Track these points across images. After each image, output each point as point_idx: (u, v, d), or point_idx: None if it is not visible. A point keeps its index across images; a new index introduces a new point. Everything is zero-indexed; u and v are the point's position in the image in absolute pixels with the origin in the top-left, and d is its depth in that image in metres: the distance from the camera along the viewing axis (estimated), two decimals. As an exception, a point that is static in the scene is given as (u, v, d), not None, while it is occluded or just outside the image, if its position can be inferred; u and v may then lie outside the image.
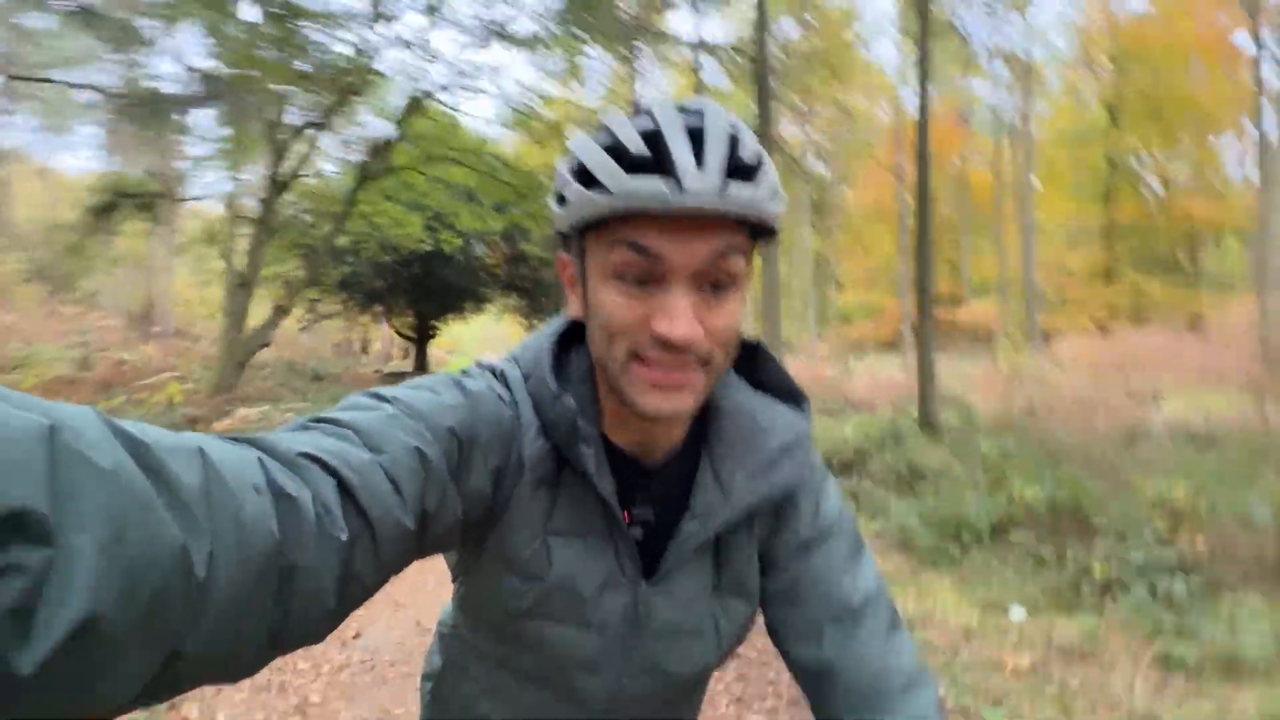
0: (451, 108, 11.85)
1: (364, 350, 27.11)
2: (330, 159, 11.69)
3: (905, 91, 21.97)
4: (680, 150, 0.47)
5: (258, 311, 10.62)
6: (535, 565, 0.58)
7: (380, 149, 10.53)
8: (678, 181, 0.46)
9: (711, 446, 0.62)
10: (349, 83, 9.71)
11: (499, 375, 0.61)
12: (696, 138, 0.48)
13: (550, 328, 0.64)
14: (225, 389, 8.91)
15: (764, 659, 2.63)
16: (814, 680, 0.59)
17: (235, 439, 0.38)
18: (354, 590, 0.40)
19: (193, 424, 7.07)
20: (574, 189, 0.51)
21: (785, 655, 0.63)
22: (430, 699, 0.80)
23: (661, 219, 0.48)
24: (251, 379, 10.56)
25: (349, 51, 9.59)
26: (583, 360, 0.62)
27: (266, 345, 10.04)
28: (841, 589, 0.60)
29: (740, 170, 0.49)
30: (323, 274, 12.97)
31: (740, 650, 1.81)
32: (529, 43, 10.82)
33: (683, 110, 0.51)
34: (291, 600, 0.35)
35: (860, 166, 22.80)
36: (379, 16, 9.89)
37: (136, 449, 0.28)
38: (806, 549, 0.63)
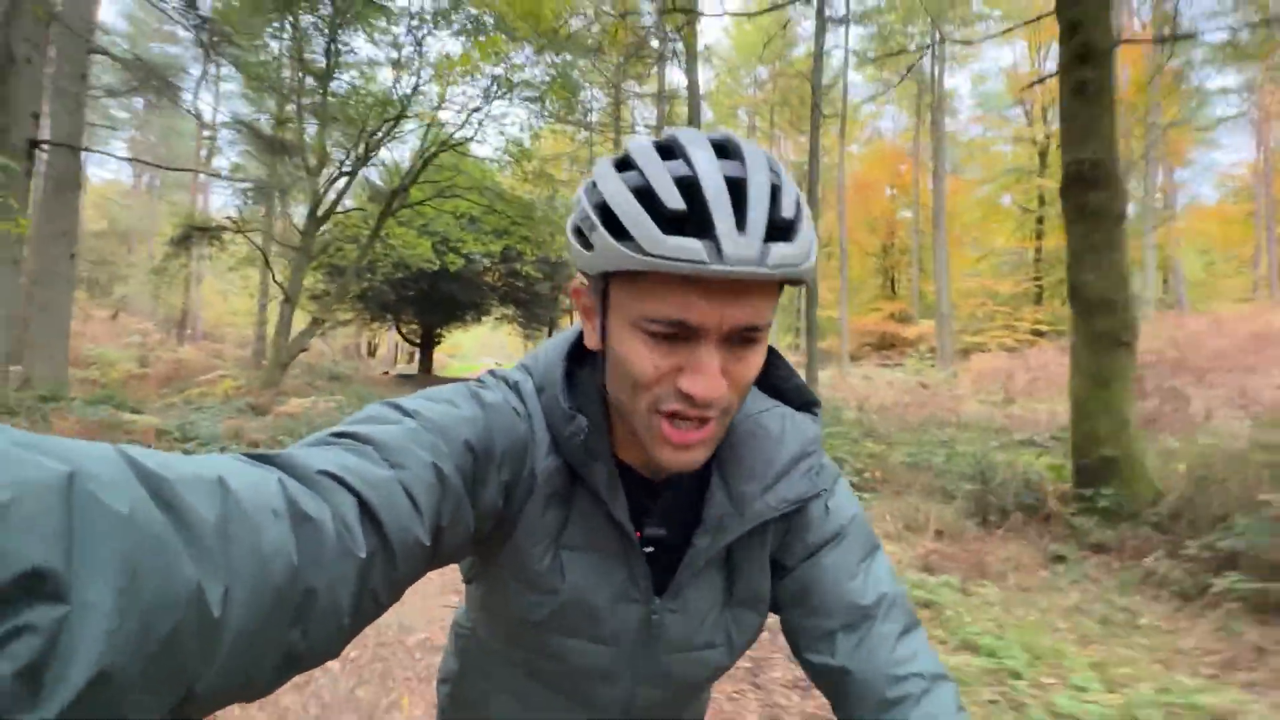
0: (461, 151, 14.02)
1: (371, 354, 29.25)
2: (359, 197, 13.81)
3: (874, 125, 24.30)
4: (721, 209, 0.45)
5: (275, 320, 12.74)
6: (549, 579, 0.59)
7: (400, 190, 12.71)
8: (717, 245, 0.44)
9: (722, 459, 0.61)
10: (378, 135, 11.95)
11: (514, 387, 0.60)
12: (737, 191, 0.46)
13: (562, 339, 0.63)
14: (273, 385, 11.05)
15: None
16: (831, 685, 0.59)
17: (258, 458, 0.38)
18: (369, 606, 0.40)
19: (255, 410, 9.13)
20: (601, 236, 0.48)
21: (801, 660, 0.62)
22: (448, 701, 0.81)
23: (697, 281, 0.46)
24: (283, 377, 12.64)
25: (377, 110, 11.85)
26: (593, 378, 0.60)
27: (305, 350, 12.19)
28: (853, 593, 0.59)
29: (780, 228, 0.47)
30: (348, 289, 15.10)
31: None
32: (531, 97, 13.01)
33: (720, 153, 0.48)
34: (309, 622, 0.35)
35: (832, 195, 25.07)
36: (399, 67, 12.16)
37: (155, 486, 0.28)
38: (817, 553, 0.62)
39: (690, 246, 0.44)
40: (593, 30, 9.34)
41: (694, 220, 0.45)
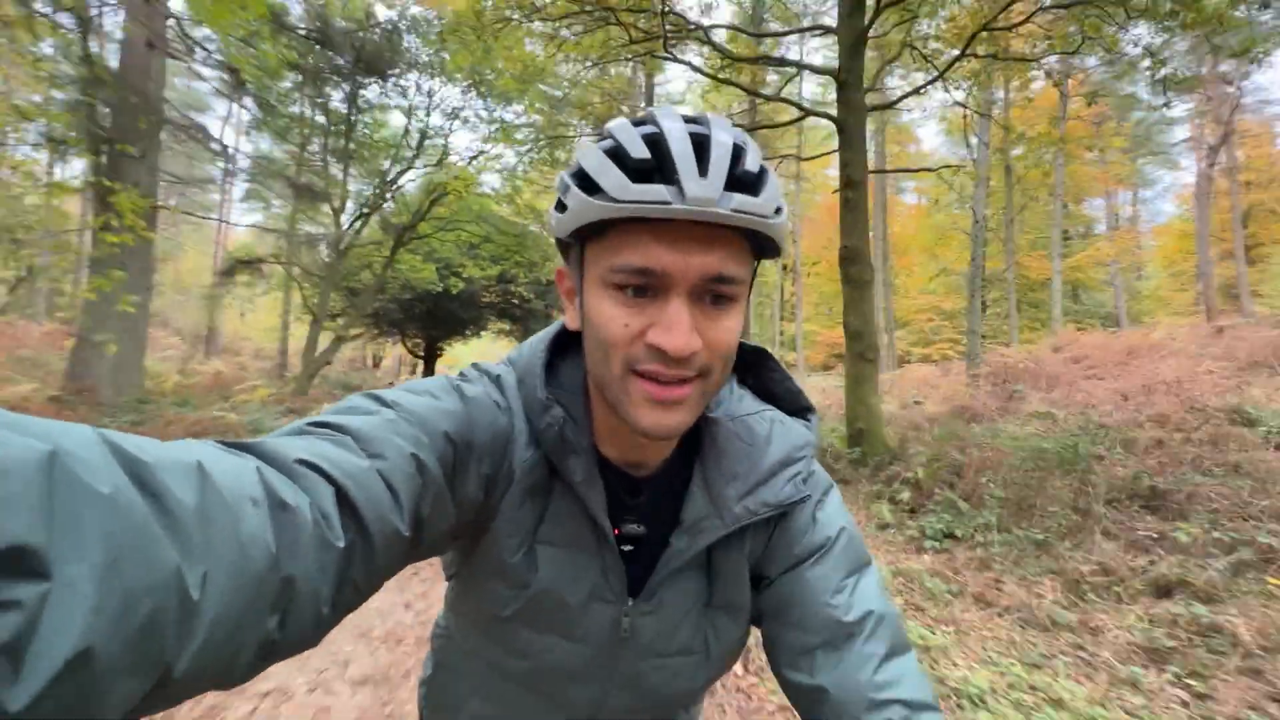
0: (463, 191, 16.08)
1: (376, 366, 31.19)
2: (372, 230, 15.92)
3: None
4: (683, 157, 0.47)
5: (300, 332, 14.74)
6: (522, 572, 0.59)
7: (411, 225, 14.83)
8: (679, 188, 0.46)
9: (704, 459, 0.61)
10: (393, 178, 14.12)
11: (495, 380, 0.61)
12: (700, 146, 0.48)
13: (545, 334, 0.64)
14: (302, 392, 13.12)
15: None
16: (806, 704, 0.57)
17: (234, 446, 0.38)
18: (348, 596, 0.40)
19: (294, 413, 11.04)
20: (575, 195, 0.50)
21: (779, 677, 0.60)
22: (425, 702, 0.81)
23: (662, 229, 0.47)
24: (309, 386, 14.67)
25: (391, 157, 14.01)
26: (576, 369, 0.62)
27: (329, 364, 14.27)
28: (836, 609, 0.57)
29: (743, 181, 0.49)
30: (364, 310, 17.17)
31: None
32: (525, 142, 15.11)
33: (688, 120, 0.51)
34: (287, 610, 0.35)
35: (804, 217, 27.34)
36: (411, 115, 14.33)
37: (135, 469, 0.28)
38: (800, 565, 0.61)
39: (654, 190, 0.46)
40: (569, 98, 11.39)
41: (659, 170, 0.48)
